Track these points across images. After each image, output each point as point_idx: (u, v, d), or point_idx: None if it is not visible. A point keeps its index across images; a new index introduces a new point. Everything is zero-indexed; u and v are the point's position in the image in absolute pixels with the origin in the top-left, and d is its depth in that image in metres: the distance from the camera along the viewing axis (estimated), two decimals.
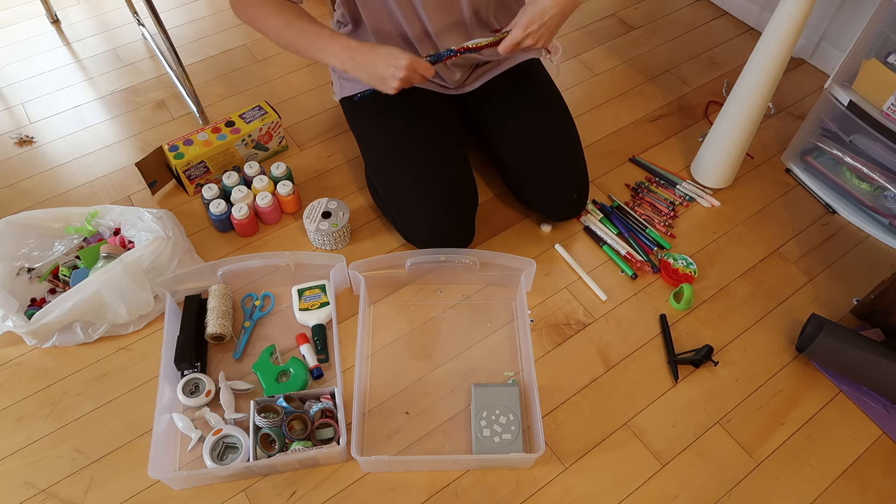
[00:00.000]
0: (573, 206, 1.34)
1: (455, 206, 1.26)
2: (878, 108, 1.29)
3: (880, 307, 1.24)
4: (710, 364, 1.21)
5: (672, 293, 1.31)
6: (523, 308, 1.22)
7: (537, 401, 1.07)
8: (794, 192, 1.50)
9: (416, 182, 1.25)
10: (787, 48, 1.22)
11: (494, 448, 1.07)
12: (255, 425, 1.06)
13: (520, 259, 1.23)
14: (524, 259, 1.22)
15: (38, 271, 1.30)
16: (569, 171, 1.31)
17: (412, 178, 1.25)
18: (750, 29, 1.90)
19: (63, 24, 1.92)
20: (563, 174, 1.31)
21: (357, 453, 1.02)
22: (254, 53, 1.83)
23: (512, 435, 1.08)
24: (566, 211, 1.36)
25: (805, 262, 1.37)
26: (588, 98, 1.70)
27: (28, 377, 1.19)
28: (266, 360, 1.17)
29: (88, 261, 1.27)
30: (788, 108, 1.68)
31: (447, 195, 1.25)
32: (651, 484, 1.08)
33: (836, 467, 1.10)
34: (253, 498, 1.05)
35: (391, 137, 1.28)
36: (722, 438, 1.13)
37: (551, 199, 1.33)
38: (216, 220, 1.37)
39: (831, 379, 1.20)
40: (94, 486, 1.06)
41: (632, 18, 1.94)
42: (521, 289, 1.24)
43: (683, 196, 1.47)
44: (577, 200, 1.34)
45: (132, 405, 1.15)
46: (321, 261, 1.26)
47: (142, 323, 1.24)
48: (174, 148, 1.40)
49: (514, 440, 1.08)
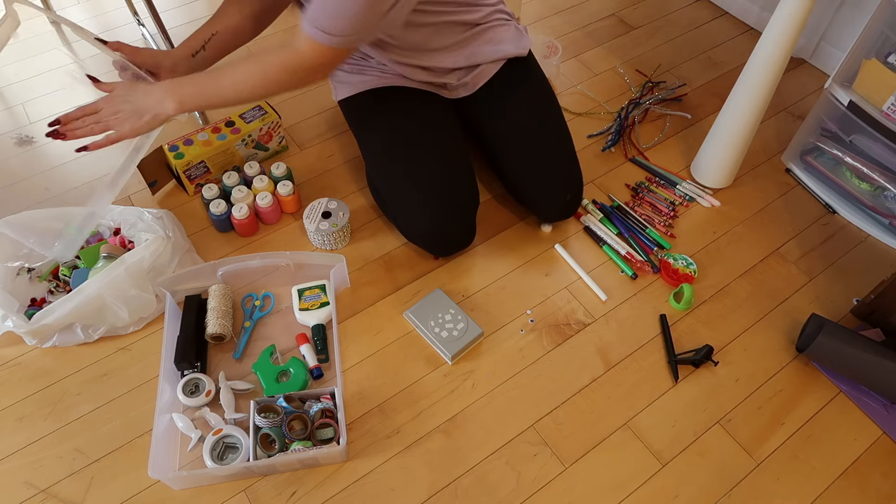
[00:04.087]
0: (567, 206, 1.35)
1: (456, 206, 1.26)
2: (878, 108, 1.29)
3: (880, 307, 1.24)
4: (710, 364, 1.21)
5: (672, 293, 1.31)
6: None
7: None
8: (794, 192, 1.50)
9: (417, 182, 1.25)
10: (787, 48, 1.22)
11: (461, 342, 1.18)
12: (255, 425, 1.06)
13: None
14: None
15: (38, 271, 1.30)
16: (562, 173, 1.31)
17: (413, 178, 1.25)
18: (750, 29, 1.90)
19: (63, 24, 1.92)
20: (556, 176, 1.31)
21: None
22: None
23: (464, 322, 1.20)
24: (560, 212, 1.36)
25: (805, 262, 1.38)
26: (588, 98, 1.71)
27: (28, 377, 1.19)
28: (266, 360, 1.17)
29: (88, 261, 1.27)
30: (788, 108, 1.68)
31: (448, 195, 1.25)
32: (651, 484, 1.08)
33: (836, 467, 1.10)
34: (253, 498, 1.05)
35: (392, 137, 1.28)
36: (722, 438, 1.13)
37: (545, 200, 1.33)
38: (216, 220, 1.37)
39: (831, 379, 1.20)
40: (94, 486, 1.06)
41: (632, 18, 1.94)
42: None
43: (683, 196, 1.47)
44: (571, 201, 1.34)
45: (132, 405, 1.15)
46: (321, 261, 1.26)
47: (142, 323, 1.24)
48: (174, 148, 1.40)
49: (468, 326, 1.20)
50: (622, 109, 1.65)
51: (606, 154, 1.57)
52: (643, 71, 1.78)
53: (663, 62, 1.80)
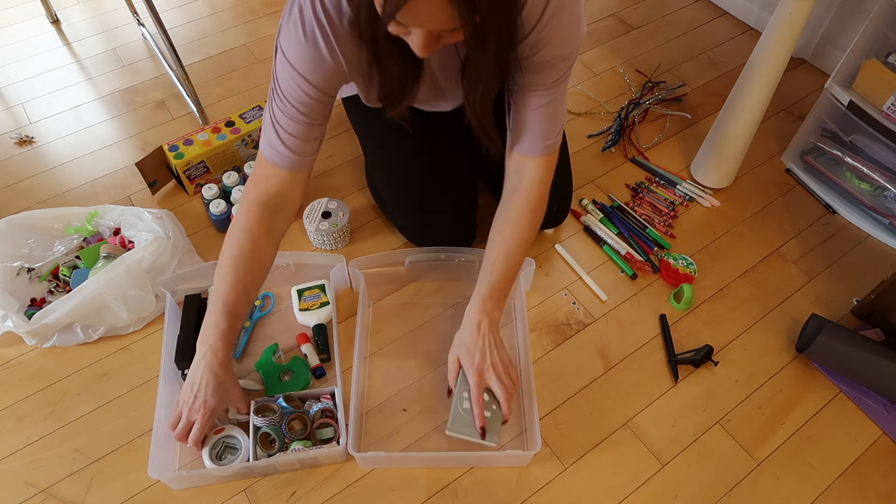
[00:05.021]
0: (553, 217, 1.35)
1: (456, 206, 1.26)
2: (878, 108, 1.29)
3: (880, 307, 1.24)
4: (710, 364, 1.21)
5: (672, 293, 1.31)
6: (522, 308, 1.22)
7: (535, 400, 1.07)
8: (794, 192, 1.50)
9: (417, 182, 1.25)
10: (787, 48, 1.22)
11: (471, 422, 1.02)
12: (255, 425, 1.06)
13: None
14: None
15: (38, 271, 1.30)
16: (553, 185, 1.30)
17: (414, 177, 1.25)
18: (750, 29, 1.90)
19: (63, 24, 1.92)
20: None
21: (354, 449, 1.02)
22: (254, 53, 1.83)
23: (492, 413, 1.02)
24: (548, 221, 1.35)
25: (805, 262, 1.37)
26: (588, 98, 1.70)
27: (28, 377, 1.19)
28: (269, 359, 1.17)
29: (88, 261, 1.27)
30: (788, 108, 1.68)
31: (449, 195, 1.25)
32: (651, 484, 1.08)
33: (836, 467, 1.10)
34: (253, 498, 1.05)
35: (393, 137, 1.28)
36: (722, 438, 1.13)
37: None
38: (216, 220, 1.37)
39: (831, 379, 1.20)
40: (94, 486, 1.06)
41: (632, 18, 1.94)
42: (521, 288, 1.23)
43: (683, 196, 1.47)
44: (558, 212, 1.34)
45: (132, 405, 1.15)
46: (321, 261, 1.26)
47: (141, 323, 1.24)
48: (174, 148, 1.40)
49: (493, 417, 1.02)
50: (622, 109, 1.65)
51: (606, 154, 1.57)
52: (643, 71, 1.78)
53: (663, 62, 1.80)
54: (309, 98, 0.92)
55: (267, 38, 1.87)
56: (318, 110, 0.95)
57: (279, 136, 0.96)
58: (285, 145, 0.97)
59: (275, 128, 0.96)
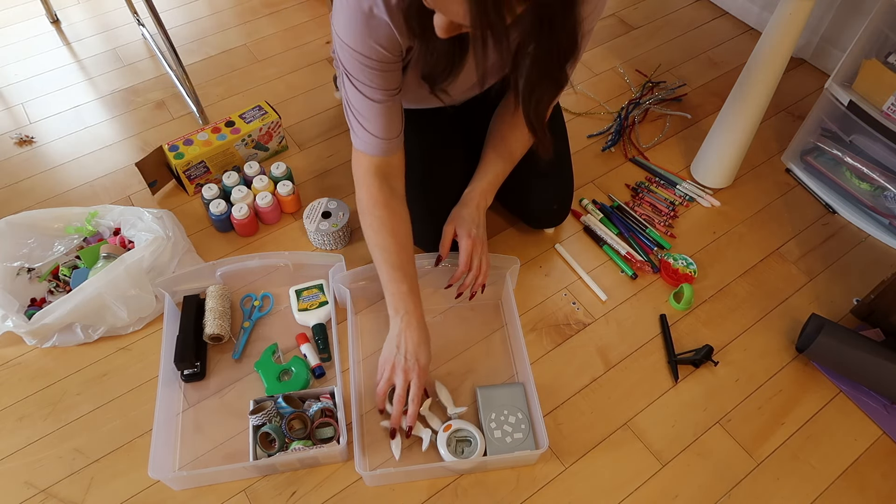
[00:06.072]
0: (554, 215, 1.35)
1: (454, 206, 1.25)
2: (878, 108, 1.29)
3: (880, 307, 1.24)
4: (710, 364, 1.21)
5: (672, 293, 1.31)
6: (512, 307, 1.21)
7: (536, 399, 1.07)
8: (794, 192, 1.50)
9: (418, 182, 1.24)
10: (787, 48, 1.22)
11: (508, 448, 1.06)
12: (254, 425, 1.06)
13: (503, 258, 1.22)
14: (508, 257, 1.22)
15: (38, 271, 1.30)
16: (554, 183, 1.31)
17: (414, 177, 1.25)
18: (750, 29, 1.90)
19: (63, 24, 1.92)
20: (547, 184, 1.30)
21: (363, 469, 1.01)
22: (254, 53, 1.83)
23: (523, 433, 1.08)
24: (548, 219, 1.36)
25: (805, 262, 1.37)
26: (588, 98, 1.71)
27: (28, 377, 1.19)
28: (268, 359, 1.17)
29: (88, 261, 1.27)
30: (788, 108, 1.68)
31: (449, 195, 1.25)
32: (651, 484, 1.08)
33: (836, 467, 1.10)
34: (253, 498, 1.05)
35: None
36: (722, 438, 1.13)
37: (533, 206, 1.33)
38: (216, 220, 1.37)
39: (831, 379, 1.20)
40: (94, 486, 1.06)
41: (632, 18, 1.94)
42: (508, 287, 1.23)
43: (683, 196, 1.47)
44: (559, 210, 1.34)
45: (132, 405, 1.15)
46: (321, 261, 1.26)
47: (141, 323, 1.24)
48: (174, 148, 1.40)
49: (525, 438, 1.07)
50: (622, 109, 1.65)
51: (606, 154, 1.57)
52: (643, 71, 1.78)
53: (663, 62, 1.80)
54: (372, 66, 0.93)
55: (267, 38, 1.88)
56: (386, 79, 0.97)
57: (363, 127, 1.02)
58: (370, 133, 1.02)
59: (357, 119, 1.01)
